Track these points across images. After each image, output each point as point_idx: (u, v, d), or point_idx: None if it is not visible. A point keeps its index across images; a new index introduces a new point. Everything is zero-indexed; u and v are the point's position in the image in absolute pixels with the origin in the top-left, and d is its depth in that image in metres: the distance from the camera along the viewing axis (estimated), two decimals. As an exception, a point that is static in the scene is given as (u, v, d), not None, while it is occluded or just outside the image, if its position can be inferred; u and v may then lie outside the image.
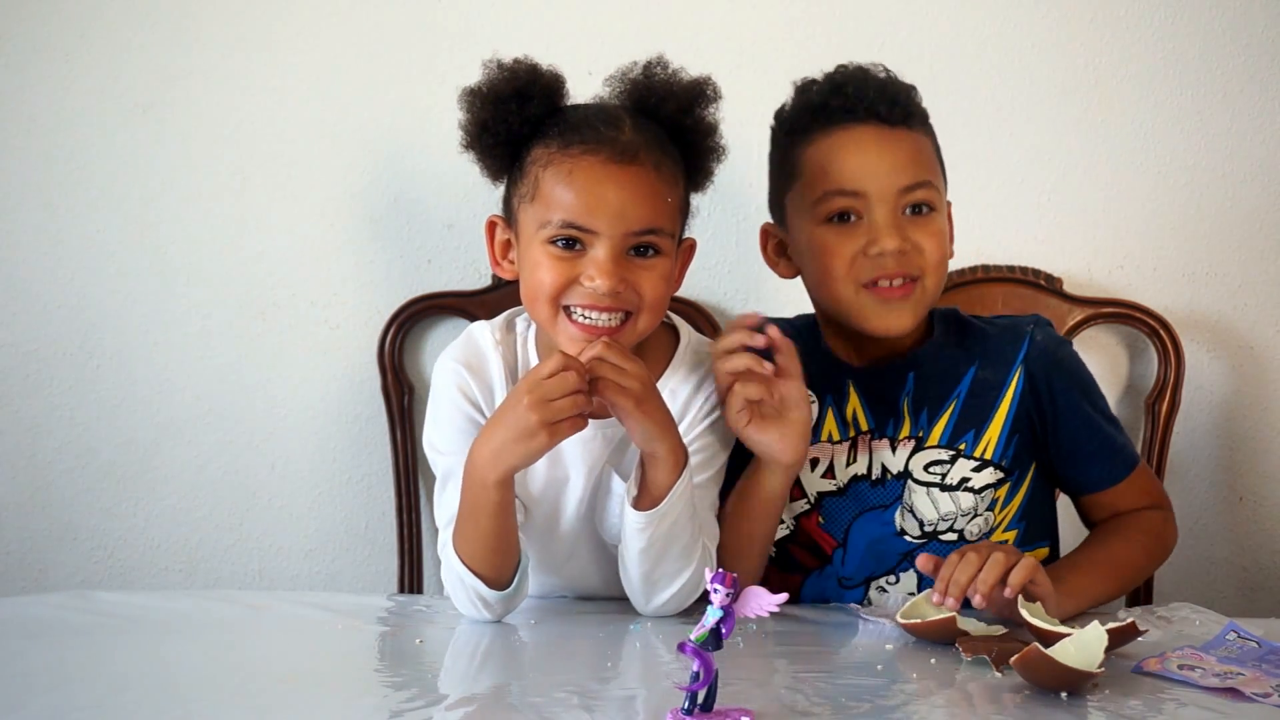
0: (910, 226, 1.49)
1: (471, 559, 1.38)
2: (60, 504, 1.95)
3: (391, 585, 1.95)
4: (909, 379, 1.56)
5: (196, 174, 1.92)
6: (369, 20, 1.91)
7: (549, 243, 1.38)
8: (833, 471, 1.56)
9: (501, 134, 1.41)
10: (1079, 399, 1.58)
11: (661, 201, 1.39)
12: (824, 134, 1.51)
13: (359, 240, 1.94)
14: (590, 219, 1.36)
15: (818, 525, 1.56)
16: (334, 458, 1.96)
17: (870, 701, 1.15)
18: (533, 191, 1.40)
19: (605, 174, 1.37)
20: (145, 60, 1.90)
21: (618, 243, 1.37)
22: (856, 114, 1.50)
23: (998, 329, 1.61)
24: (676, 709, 1.09)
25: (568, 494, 1.48)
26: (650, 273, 1.39)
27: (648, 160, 1.38)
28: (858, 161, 1.49)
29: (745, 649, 1.32)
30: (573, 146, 1.38)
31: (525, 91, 1.41)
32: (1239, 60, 1.95)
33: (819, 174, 1.51)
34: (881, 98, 1.50)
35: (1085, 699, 1.16)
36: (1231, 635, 1.32)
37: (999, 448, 1.55)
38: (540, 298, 1.39)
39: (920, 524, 1.55)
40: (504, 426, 1.32)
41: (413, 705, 1.13)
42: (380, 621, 1.45)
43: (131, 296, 1.93)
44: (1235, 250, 1.97)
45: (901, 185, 1.49)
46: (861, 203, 1.49)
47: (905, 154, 1.50)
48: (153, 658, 1.29)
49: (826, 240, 1.51)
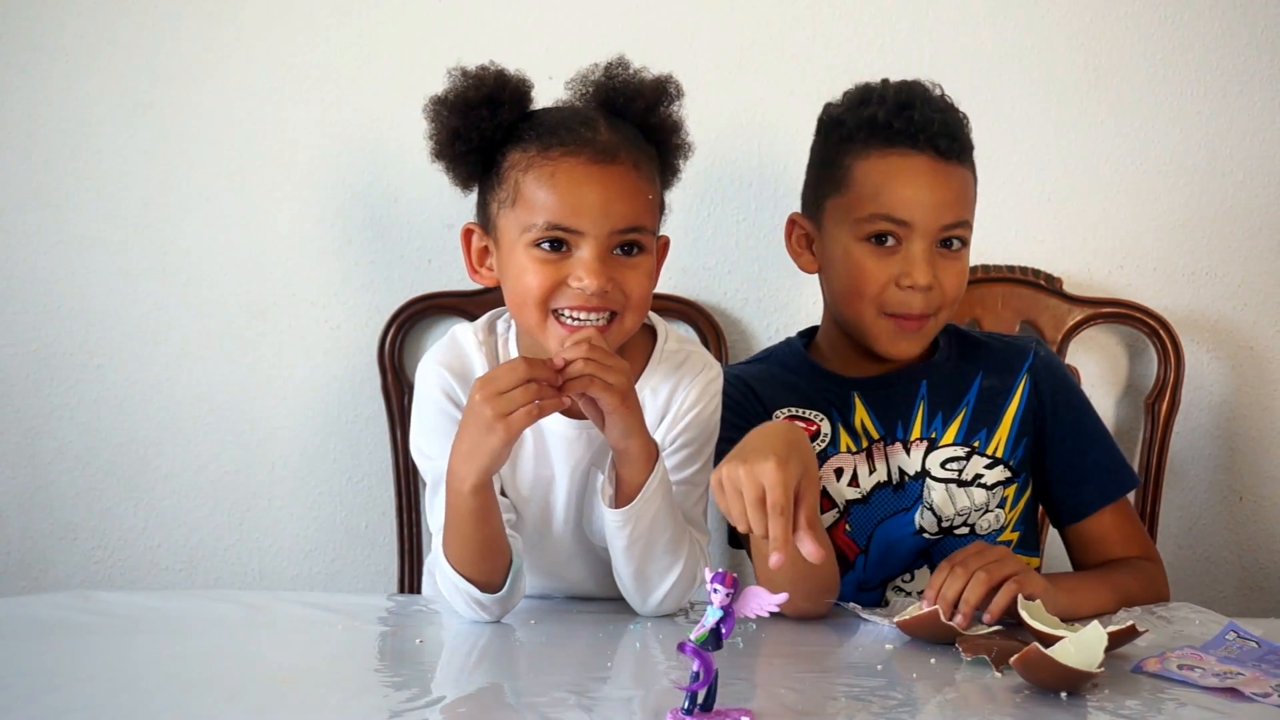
0: (940, 261, 1.53)
1: (461, 564, 1.38)
2: (60, 504, 1.95)
3: (391, 585, 1.95)
4: (923, 385, 1.59)
5: (196, 174, 1.92)
6: (369, 20, 1.91)
7: (534, 245, 1.38)
8: (857, 480, 1.58)
9: (474, 141, 1.41)
10: (1078, 414, 1.61)
11: (643, 199, 1.40)
12: (881, 154, 1.53)
13: (359, 240, 1.94)
14: (575, 219, 1.37)
15: (844, 534, 1.58)
16: (334, 458, 1.96)
17: (870, 701, 1.15)
18: (513, 196, 1.39)
19: (587, 174, 1.37)
20: (145, 60, 1.91)
21: (603, 242, 1.37)
22: (917, 142, 1.51)
23: (1000, 343, 1.65)
24: (676, 709, 1.09)
25: (555, 495, 1.49)
26: (635, 271, 1.40)
27: (627, 159, 1.39)
28: (911, 192, 1.51)
29: (745, 649, 1.32)
30: (552, 149, 1.38)
31: (495, 97, 1.41)
32: (1239, 60, 1.95)
33: (870, 194, 1.52)
34: (944, 130, 1.52)
35: (1085, 699, 1.16)
36: (1231, 635, 1.32)
37: (1009, 447, 1.58)
38: (528, 302, 1.39)
39: (938, 520, 1.56)
40: (466, 429, 1.32)
41: (412, 705, 1.13)
42: (380, 621, 1.45)
43: (131, 296, 1.93)
44: (1235, 250, 1.97)
45: (945, 222, 1.52)
46: (904, 231, 1.52)
47: (954, 191, 1.53)
48: (153, 658, 1.29)
49: (863, 260, 1.53)
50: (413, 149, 1.91)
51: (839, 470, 1.58)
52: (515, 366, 1.30)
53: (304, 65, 1.92)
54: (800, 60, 1.89)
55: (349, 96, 1.92)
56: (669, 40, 1.88)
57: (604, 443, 1.44)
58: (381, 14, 1.92)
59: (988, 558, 1.37)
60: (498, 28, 1.91)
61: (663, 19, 1.91)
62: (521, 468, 1.47)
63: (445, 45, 1.91)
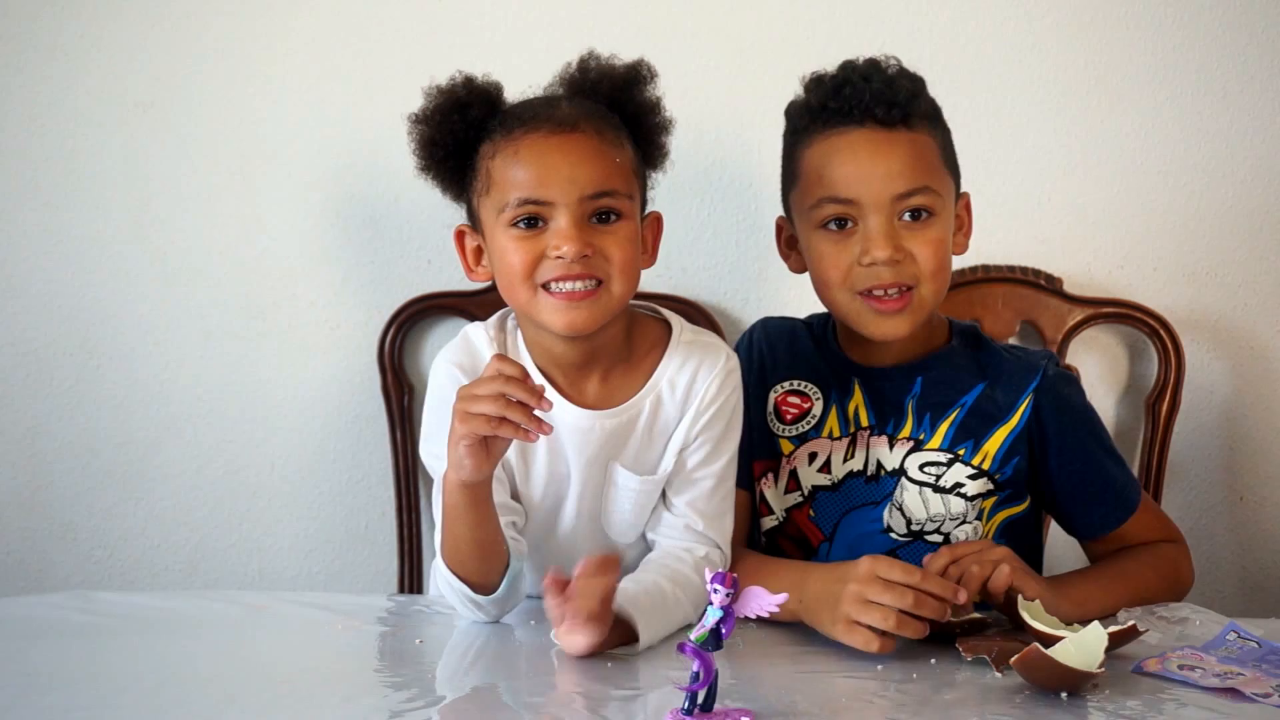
0: (906, 234, 1.48)
1: (456, 564, 1.39)
2: (60, 504, 1.95)
3: (391, 585, 1.95)
4: (917, 382, 1.57)
5: (197, 174, 1.92)
6: (369, 20, 1.91)
7: (511, 225, 1.40)
8: (829, 467, 1.56)
9: (449, 144, 1.44)
10: (1084, 437, 1.57)
11: (609, 162, 1.40)
12: (821, 137, 1.50)
13: (359, 240, 1.94)
14: (543, 190, 1.38)
15: (808, 518, 1.57)
16: (334, 458, 1.96)
17: (870, 701, 1.15)
18: (486, 184, 1.42)
19: (548, 145, 1.39)
20: (145, 60, 1.91)
21: (574, 209, 1.38)
22: (853, 117, 1.48)
23: (1014, 357, 1.60)
24: (676, 709, 1.09)
25: (569, 490, 1.48)
26: (614, 236, 1.40)
27: (589, 127, 1.40)
28: (851, 168, 1.48)
29: (745, 649, 1.32)
30: (514, 130, 1.40)
31: (464, 101, 1.44)
32: (1239, 60, 1.95)
33: (814, 179, 1.50)
34: (879, 99, 1.47)
35: (1085, 699, 1.16)
36: (1231, 635, 1.32)
37: (995, 462, 1.54)
38: (515, 281, 1.40)
39: (908, 522, 1.54)
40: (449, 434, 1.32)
41: (412, 705, 1.13)
42: (380, 621, 1.45)
43: (131, 296, 1.93)
44: (1235, 250, 1.97)
45: (896, 193, 1.47)
46: (855, 210, 1.48)
47: (901, 160, 1.48)
48: (153, 658, 1.29)
49: (822, 247, 1.51)
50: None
51: (813, 454, 1.57)
52: (491, 378, 1.29)
53: (304, 65, 1.92)
54: (799, 60, 1.87)
55: (349, 96, 1.92)
56: (669, 40, 1.88)
57: (617, 433, 1.44)
58: (381, 14, 1.91)
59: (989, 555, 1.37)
60: (496, 29, 1.91)
61: (663, 19, 1.91)
62: (535, 467, 1.46)
63: (445, 45, 1.91)
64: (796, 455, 1.57)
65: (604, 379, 1.47)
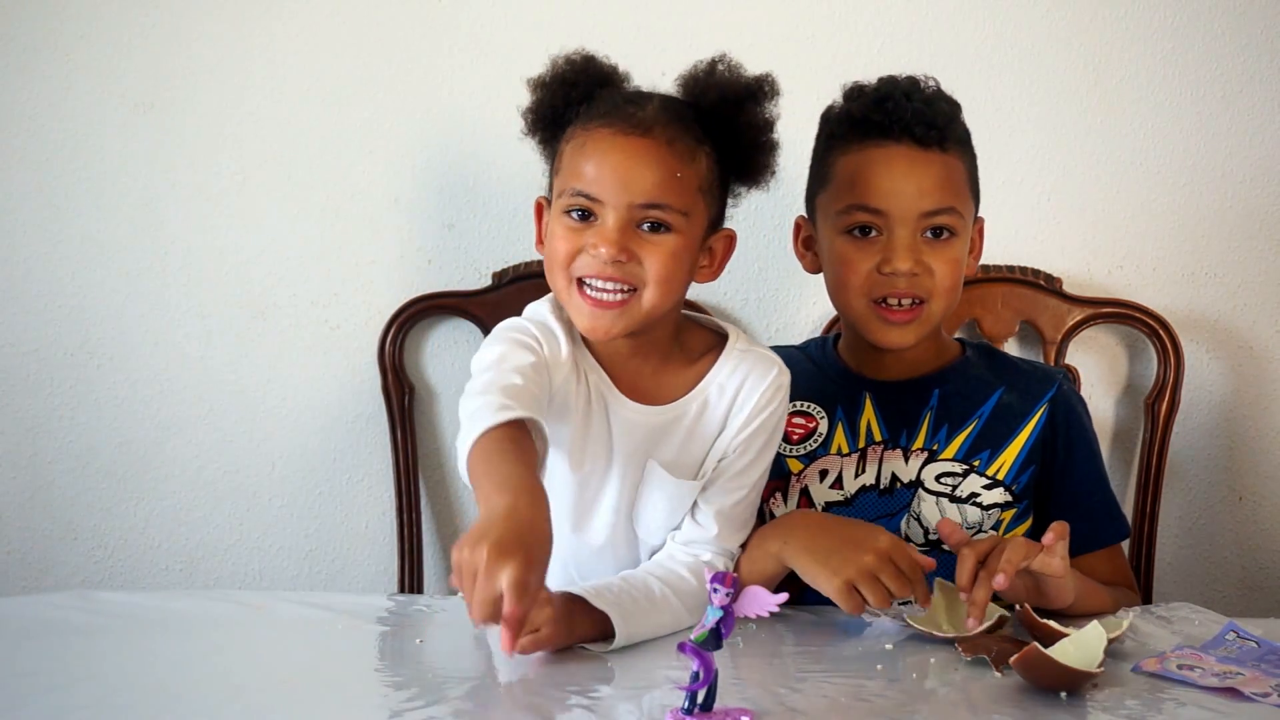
0: (927, 249, 1.53)
1: None
2: (60, 504, 1.95)
3: (391, 585, 1.95)
4: (934, 395, 1.59)
5: (196, 174, 1.92)
6: (369, 20, 1.91)
7: (565, 213, 1.41)
8: (841, 483, 1.58)
9: (546, 116, 1.46)
10: (1090, 455, 1.62)
11: (669, 175, 1.39)
12: (859, 147, 1.54)
13: (359, 240, 1.94)
14: (597, 188, 1.38)
15: None
16: (334, 458, 1.96)
17: (870, 701, 1.15)
18: (558, 166, 1.44)
19: (613, 145, 1.38)
20: (145, 60, 1.91)
21: (623, 213, 1.37)
22: (892, 132, 1.52)
23: (1029, 365, 1.67)
24: (676, 709, 1.09)
25: (608, 479, 1.46)
26: (658, 247, 1.39)
27: (661, 136, 1.39)
28: (885, 181, 1.52)
29: (745, 649, 1.32)
30: (592, 121, 1.41)
31: (569, 79, 1.45)
32: (1239, 60, 1.95)
33: (847, 185, 1.54)
34: (919, 119, 1.52)
35: (1085, 699, 1.16)
36: (1231, 635, 1.33)
37: (1012, 472, 1.57)
38: (555, 268, 1.42)
39: (925, 532, 1.56)
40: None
41: (413, 705, 1.13)
42: (380, 621, 1.45)
43: (131, 296, 1.93)
44: (1235, 250, 1.97)
45: (924, 210, 1.52)
46: (882, 220, 1.53)
47: (933, 179, 1.53)
48: (153, 658, 1.29)
49: (845, 251, 1.55)
50: (412, 149, 1.93)
51: (824, 472, 1.59)
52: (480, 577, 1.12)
53: (304, 65, 1.92)
54: (799, 61, 1.89)
55: (349, 97, 1.92)
56: (669, 40, 1.88)
57: (659, 430, 1.44)
58: (381, 14, 1.91)
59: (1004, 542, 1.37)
60: (496, 29, 1.91)
61: (664, 18, 1.91)
62: (591, 446, 1.44)
63: (444, 46, 1.91)
64: (807, 473, 1.59)
65: (655, 375, 1.47)
